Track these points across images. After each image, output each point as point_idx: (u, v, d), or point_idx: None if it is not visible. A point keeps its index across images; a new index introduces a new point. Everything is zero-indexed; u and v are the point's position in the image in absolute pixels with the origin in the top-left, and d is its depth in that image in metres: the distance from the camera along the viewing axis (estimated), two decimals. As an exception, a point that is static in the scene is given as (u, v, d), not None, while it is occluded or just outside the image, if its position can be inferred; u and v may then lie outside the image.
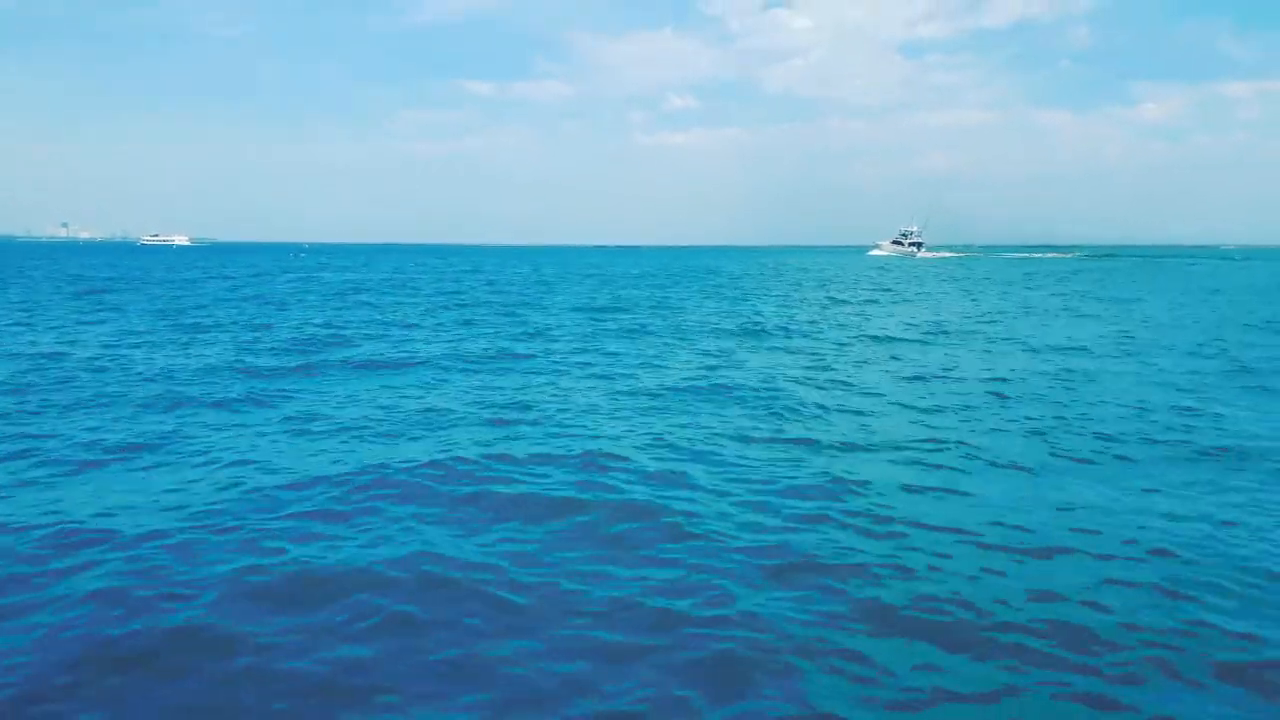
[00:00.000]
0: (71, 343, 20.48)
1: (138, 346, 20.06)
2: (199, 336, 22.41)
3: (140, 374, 15.97)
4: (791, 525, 7.81)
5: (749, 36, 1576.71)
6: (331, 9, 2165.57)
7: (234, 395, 13.98)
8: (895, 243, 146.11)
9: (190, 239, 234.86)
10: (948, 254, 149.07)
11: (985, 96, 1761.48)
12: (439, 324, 26.74)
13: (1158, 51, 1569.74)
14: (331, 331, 23.81)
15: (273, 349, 19.86)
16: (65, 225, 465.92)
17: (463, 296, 40.89)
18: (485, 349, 20.30)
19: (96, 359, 17.81)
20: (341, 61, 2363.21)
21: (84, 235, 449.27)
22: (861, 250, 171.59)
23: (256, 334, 23.00)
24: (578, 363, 18.32)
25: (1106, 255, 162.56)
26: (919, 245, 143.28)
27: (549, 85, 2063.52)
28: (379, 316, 28.84)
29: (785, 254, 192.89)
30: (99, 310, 29.81)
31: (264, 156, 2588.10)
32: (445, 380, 15.90)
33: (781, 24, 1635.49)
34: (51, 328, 23.84)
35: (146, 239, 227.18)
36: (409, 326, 25.81)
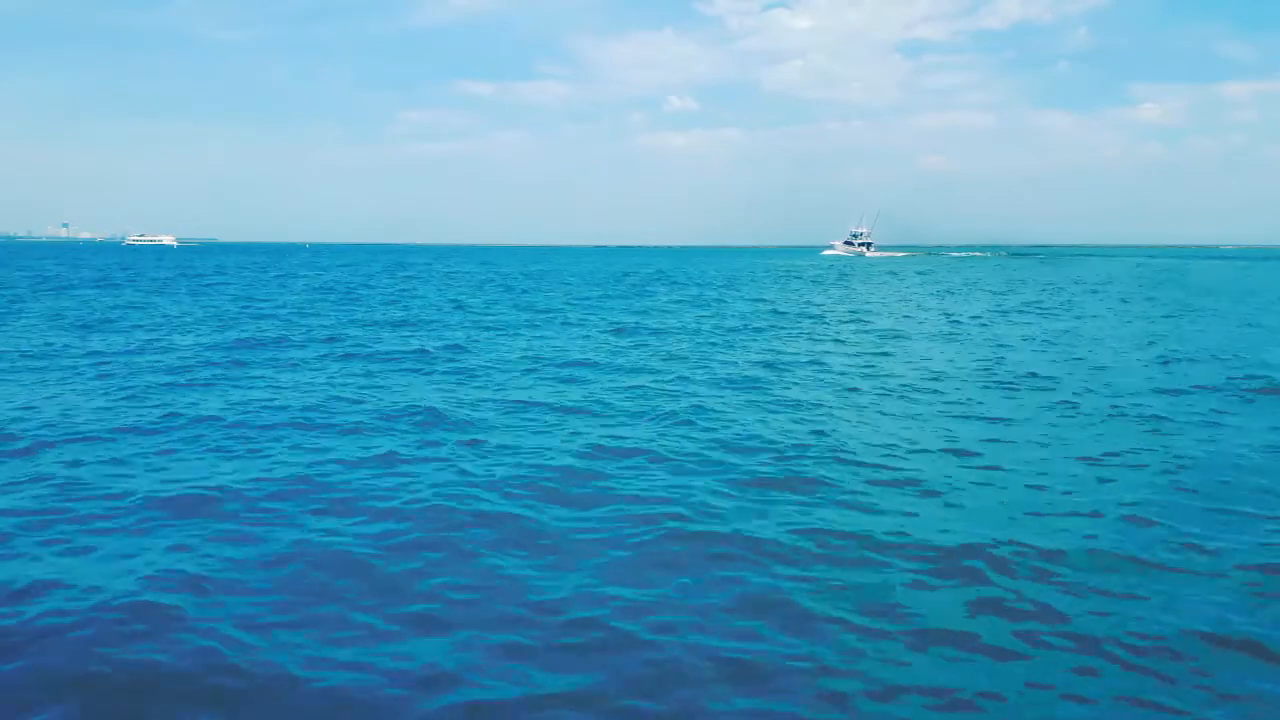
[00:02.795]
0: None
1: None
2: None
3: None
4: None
5: (749, 37, 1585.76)
6: (331, 11, 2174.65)
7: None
8: (847, 243, 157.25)
9: (176, 239, 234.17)
10: (899, 254, 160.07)
11: (985, 98, 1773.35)
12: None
13: (1157, 53, 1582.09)
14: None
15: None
16: (65, 225, 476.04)
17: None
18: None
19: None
20: (341, 63, 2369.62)
21: (84, 235, 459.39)
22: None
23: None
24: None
25: (1022, 254, 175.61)
26: (868, 245, 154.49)
27: (549, 86, 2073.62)
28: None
29: (762, 255, 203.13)
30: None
31: (265, 157, 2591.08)
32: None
33: (781, 25, 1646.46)
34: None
35: (133, 239, 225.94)
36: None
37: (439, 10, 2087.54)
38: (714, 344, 22.23)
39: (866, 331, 25.75)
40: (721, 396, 14.34)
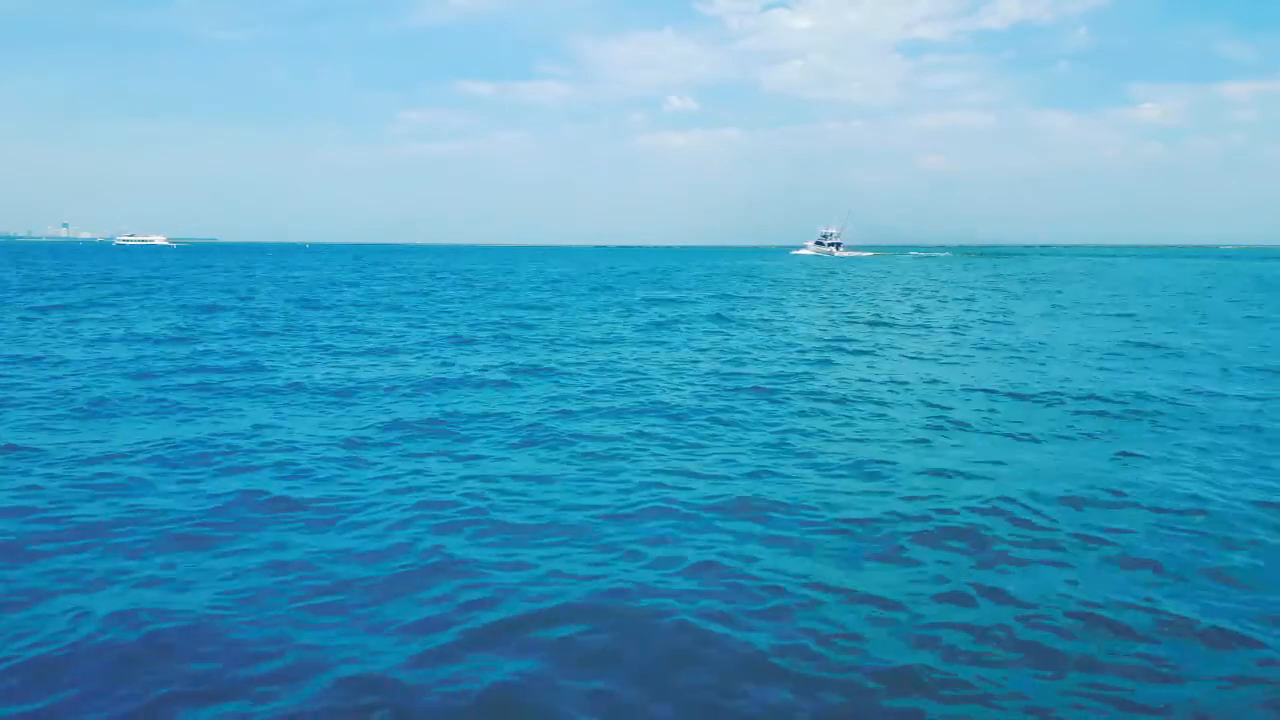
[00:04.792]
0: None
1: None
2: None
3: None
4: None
5: (749, 37, 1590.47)
6: (331, 11, 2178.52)
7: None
8: (818, 243, 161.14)
9: (171, 239, 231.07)
10: (866, 253, 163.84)
11: (984, 98, 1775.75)
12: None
13: (1157, 53, 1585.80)
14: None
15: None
16: (65, 225, 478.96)
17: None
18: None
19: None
20: (341, 63, 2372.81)
21: (84, 235, 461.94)
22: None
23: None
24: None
25: (976, 254, 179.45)
26: (837, 245, 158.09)
27: (549, 86, 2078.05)
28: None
29: (758, 254, 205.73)
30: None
31: (265, 157, 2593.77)
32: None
33: (781, 25, 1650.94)
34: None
35: (122, 239, 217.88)
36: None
37: (439, 10, 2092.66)
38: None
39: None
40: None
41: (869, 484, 9.13)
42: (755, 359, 18.90)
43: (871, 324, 27.65)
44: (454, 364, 17.51)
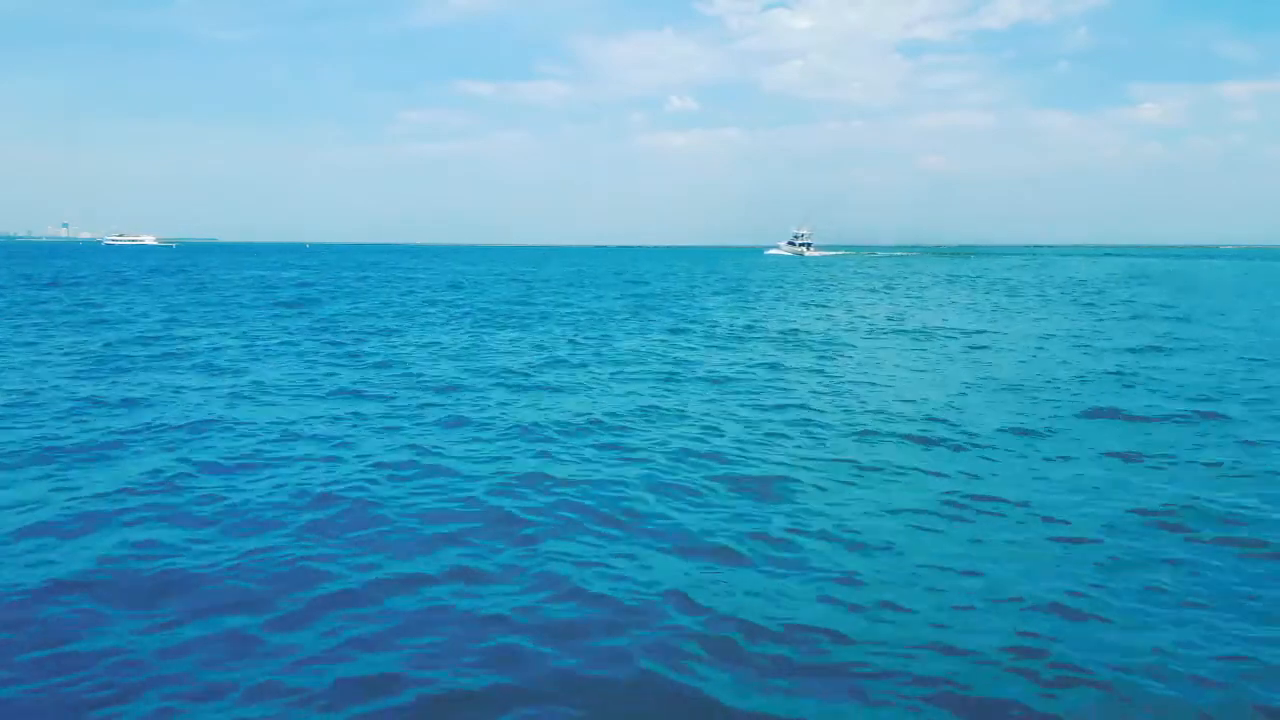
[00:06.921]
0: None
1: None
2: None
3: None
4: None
5: (749, 37, 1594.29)
6: (331, 11, 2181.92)
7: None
8: (790, 244, 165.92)
9: (157, 238, 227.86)
10: (836, 253, 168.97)
11: (985, 98, 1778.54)
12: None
13: (1157, 53, 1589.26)
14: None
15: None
16: (66, 225, 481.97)
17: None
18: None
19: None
20: (341, 63, 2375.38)
21: (84, 235, 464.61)
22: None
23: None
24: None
25: (945, 253, 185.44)
26: (808, 245, 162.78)
27: (549, 86, 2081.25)
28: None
29: (751, 254, 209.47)
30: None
31: (265, 157, 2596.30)
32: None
33: (781, 25, 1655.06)
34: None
35: (111, 239, 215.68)
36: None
37: (439, 10, 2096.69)
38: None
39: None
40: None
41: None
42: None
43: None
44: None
